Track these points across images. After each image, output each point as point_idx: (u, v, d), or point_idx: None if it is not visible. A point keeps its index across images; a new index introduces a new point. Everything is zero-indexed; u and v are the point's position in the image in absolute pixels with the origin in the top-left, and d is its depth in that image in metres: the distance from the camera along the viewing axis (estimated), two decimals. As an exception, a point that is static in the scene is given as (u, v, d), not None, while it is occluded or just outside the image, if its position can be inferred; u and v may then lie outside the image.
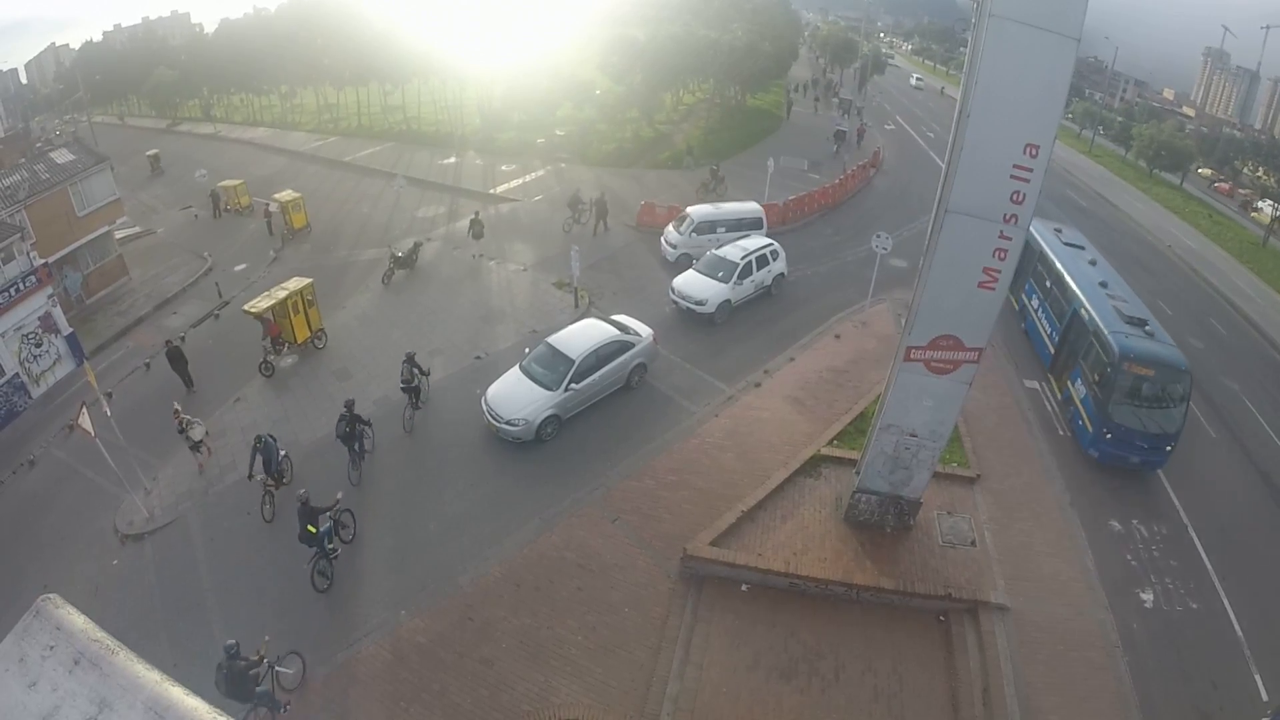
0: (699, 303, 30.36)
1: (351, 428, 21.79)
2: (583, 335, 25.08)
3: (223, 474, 23.20)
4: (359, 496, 21.48)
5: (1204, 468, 24.88)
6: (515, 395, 23.48)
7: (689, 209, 37.29)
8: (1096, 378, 23.81)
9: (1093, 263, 29.79)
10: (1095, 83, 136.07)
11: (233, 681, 14.36)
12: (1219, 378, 31.48)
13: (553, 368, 23.94)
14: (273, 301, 27.74)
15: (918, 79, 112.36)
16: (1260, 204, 77.12)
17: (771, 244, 33.13)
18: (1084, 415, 24.25)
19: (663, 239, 37.06)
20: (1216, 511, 22.50)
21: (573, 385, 23.60)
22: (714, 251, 32.36)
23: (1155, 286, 41.56)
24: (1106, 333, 23.82)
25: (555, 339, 25.02)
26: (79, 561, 20.66)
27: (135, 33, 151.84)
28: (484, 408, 23.64)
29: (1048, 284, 30.20)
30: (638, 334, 26.04)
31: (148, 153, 67.49)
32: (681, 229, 36.25)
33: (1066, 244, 31.58)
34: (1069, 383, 25.94)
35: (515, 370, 24.64)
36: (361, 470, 22.64)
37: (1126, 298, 26.92)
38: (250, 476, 20.54)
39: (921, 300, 15.90)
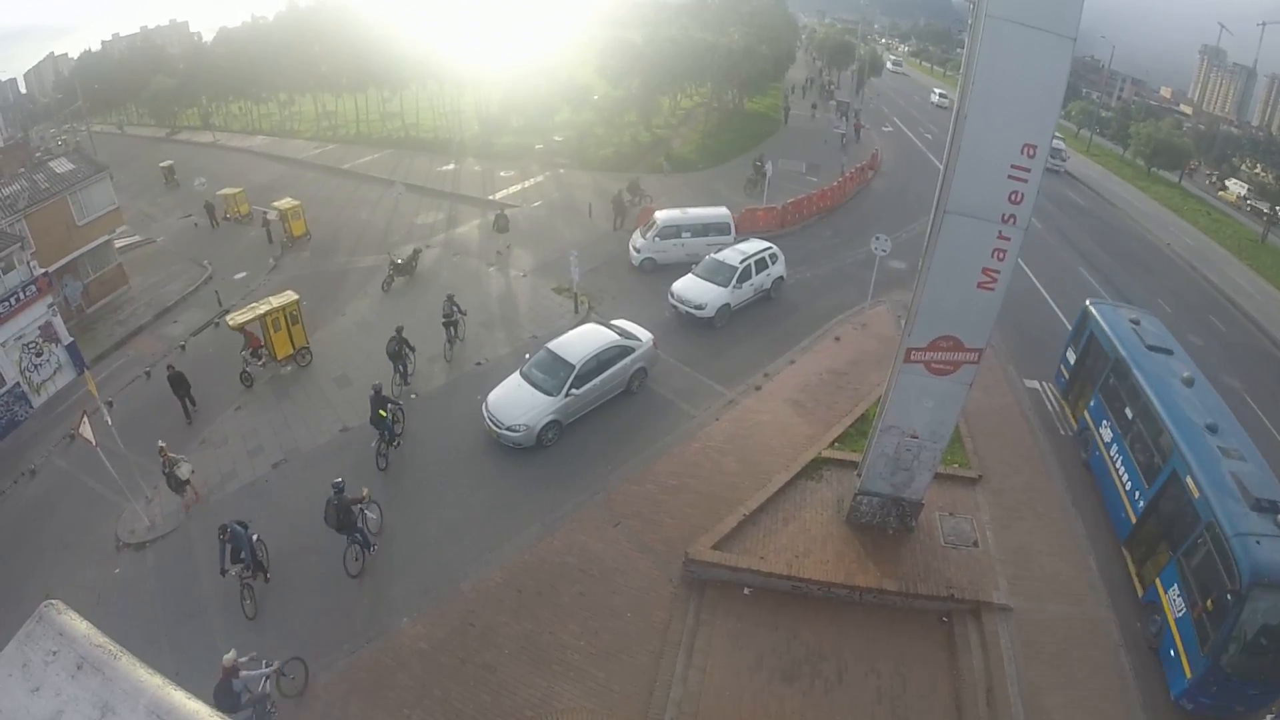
0: (698, 307, 30.37)
1: (400, 348, 26.19)
2: (583, 340, 25.08)
3: (223, 482, 23.22)
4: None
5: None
6: (516, 401, 23.48)
7: (656, 213, 37.26)
8: (1209, 603, 15.67)
9: (1189, 381, 21.00)
10: (1092, 82, 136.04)
11: (340, 514, 18.29)
12: (1219, 375, 31.40)
13: (553, 373, 23.93)
14: (253, 315, 27.77)
15: (940, 95, 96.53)
16: (1227, 183, 77.52)
17: (770, 247, 33.06)
18: (1179, 646, 16.32)
19: (630, 243, 37.14)
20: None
21: (573, 390, 23.60)
22: (713, 255, 32.35)
23: (1155, 285, 41.71)
24: (1229, 534, 15.62)
25: (555, 344, 25.00)
26: (81, 569, 20.63)
27: (134, 42, 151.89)
28: (485, 414, 23.64)
29: (1127, 412, 21.46)
30: (638, 339, 26.00)
31: (161, 164, 64.61)
32: (647, 233, 36.31)
33: (1151, 348, 22.71)
34: (1159, 584, 17.65)
35: (516, 376, 24.62)
36: (406, 386, 26.91)
37: (1244, 451, 18.34)
38: (223, 572, 18.08)
39: (921, 301, 15.92)
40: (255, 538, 18.80)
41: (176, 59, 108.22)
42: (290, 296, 28.90)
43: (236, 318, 27.78)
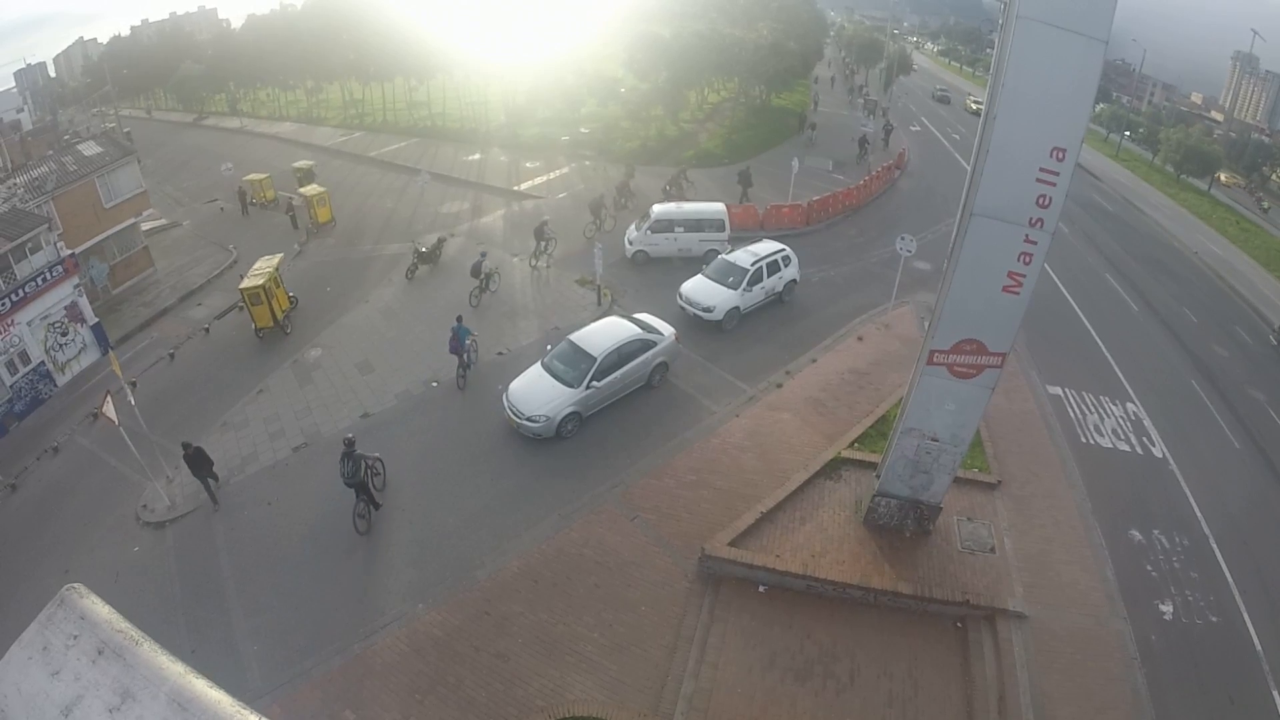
0: (706, 309, 29.90)
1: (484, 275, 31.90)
2: (605, 333, 25.06)
3: (244, 464, 23.42)
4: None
5: (1226, 479, 24.63)
6: (537, 392, 23.51)
7: (653, 207, 37.04)
8: None
9: None
10: (1123, 86, 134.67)
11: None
12: (1244, 388, 31.17)
13: (574, 365, 23.91)
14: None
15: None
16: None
17: (784, 250, 32.51)
18: None
19: (625, 235, 36.93)
20: (1238, 524, 22.24)
21: (594, 383, 23.56)
22: (724, 256, 31.86)
23: (1181, 293, 41.28)
24: None
25: (577, 336, 25.01)
26: (100, 547, 20.91)
27: (162, 27, 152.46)
28: (505, 404, 23.67)
29: None
30: (660, 333, 25.94)
31: (296, 164, 53.91)
32: (641, 227, 36.07)
33: None
34: None
35: (537, 367, 24.65)
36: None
37: None
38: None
39: (945, 303, 15.80)
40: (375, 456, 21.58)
41: (205, 45, 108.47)
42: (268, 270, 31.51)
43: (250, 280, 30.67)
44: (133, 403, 23.03)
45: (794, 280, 32.66)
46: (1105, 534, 20.70)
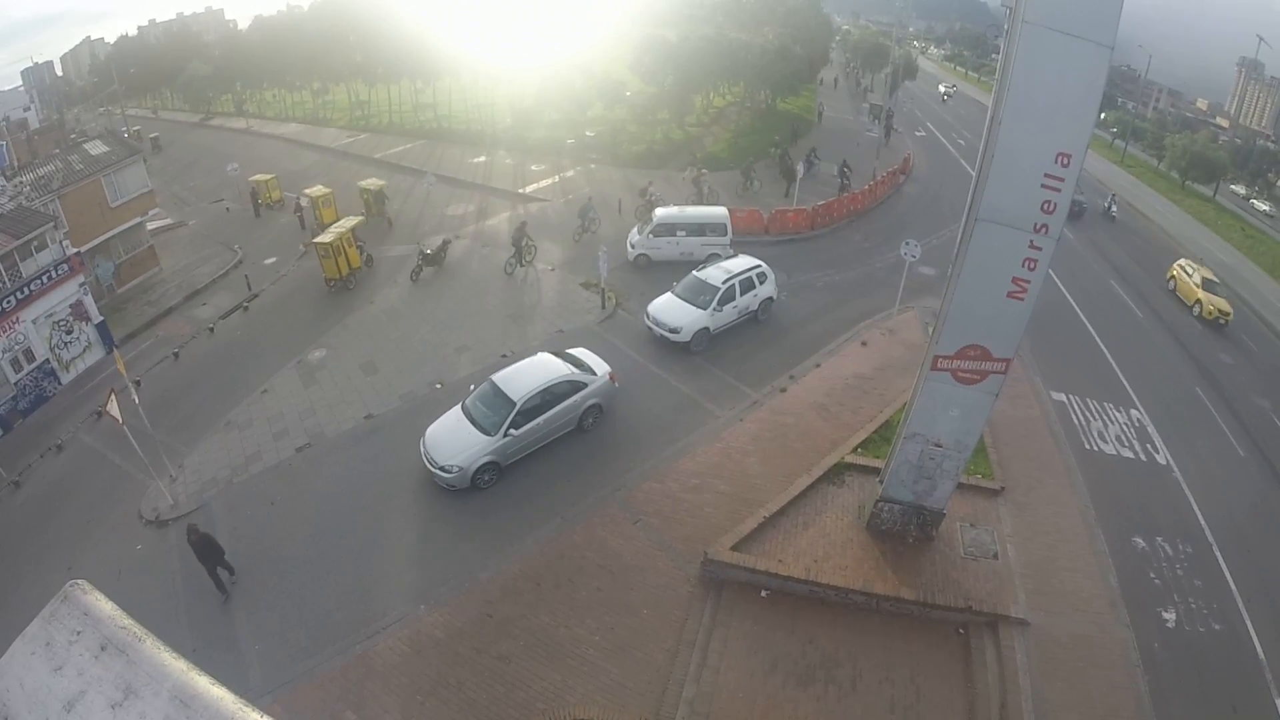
0: (673, 330, 28.35)
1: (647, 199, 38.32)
2: (529, 374, 23.15)
3: (248, 464, 23.44)
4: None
5: (1231, 487, 24.57)
6: (453, 438, 21.79)
7: (656, 211, 36.97)
8: None
9: None
10: (1128, 91, 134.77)
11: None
12: (1249, 395, 31.09)
13: (494, 409, 22.09)
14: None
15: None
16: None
17: (759, 266, 30.69)
18: None
19: (627, 239, 36.74)
20: (1243, 532, 22.17)
21: (511, 430, 21.62)
22: (695, 273, 30.32)
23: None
24: None
25: (500, 377, 23.16)
26: (104, 545, 20.97)
27: (169, 28, 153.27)
28: (421, 449, 22.18)
29: None
30: (593, 372, 24.20)
31: (363, 183, 46.94)
32: (643, 231, 35.97)
33: None
34: None
35: (457, 409, 23.03)
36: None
37: None
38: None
39: (950, 309, 15.76)
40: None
41: (212, 45, 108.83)
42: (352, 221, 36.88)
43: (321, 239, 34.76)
44: (137, 401, 23.10)
45: (770, 298, 31.16)
46: (1109, 541, 20.65)
